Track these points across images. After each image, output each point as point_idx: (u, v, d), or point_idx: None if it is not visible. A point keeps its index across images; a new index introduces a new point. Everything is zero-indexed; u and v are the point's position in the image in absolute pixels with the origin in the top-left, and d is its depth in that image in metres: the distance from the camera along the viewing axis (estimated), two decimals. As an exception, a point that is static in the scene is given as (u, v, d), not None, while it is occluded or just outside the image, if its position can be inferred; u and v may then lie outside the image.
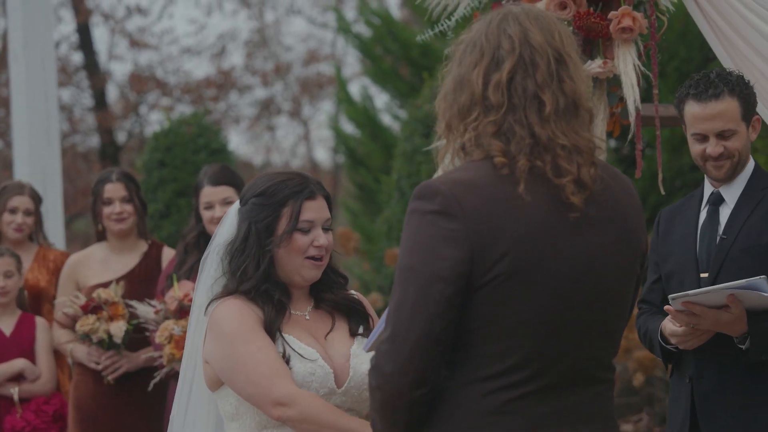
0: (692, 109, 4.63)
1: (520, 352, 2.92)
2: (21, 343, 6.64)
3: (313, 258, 3.85)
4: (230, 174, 6.28)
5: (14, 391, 6.54)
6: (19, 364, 6.58)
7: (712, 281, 4.58)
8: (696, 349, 4.60)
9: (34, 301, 6.92)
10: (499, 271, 2.88)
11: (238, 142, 28.43)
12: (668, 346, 4.66)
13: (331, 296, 3.96)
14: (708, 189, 4.76)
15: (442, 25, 5.33)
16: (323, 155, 29.81)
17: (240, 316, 3.74)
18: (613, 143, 11.03)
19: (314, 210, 3.85)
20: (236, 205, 3.95)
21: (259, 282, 3.80)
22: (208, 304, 3.84)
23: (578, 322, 2.97)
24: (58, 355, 6.73)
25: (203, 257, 3.99)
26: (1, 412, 6.56)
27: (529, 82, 2.98)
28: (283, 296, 3.83)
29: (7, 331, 6.64)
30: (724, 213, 4.69)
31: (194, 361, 3.98)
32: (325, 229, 3.88)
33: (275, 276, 3.84)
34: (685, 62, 10.91)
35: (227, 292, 3.82)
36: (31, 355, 6.65)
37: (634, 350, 9.38)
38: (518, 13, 3.04)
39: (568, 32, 3.07)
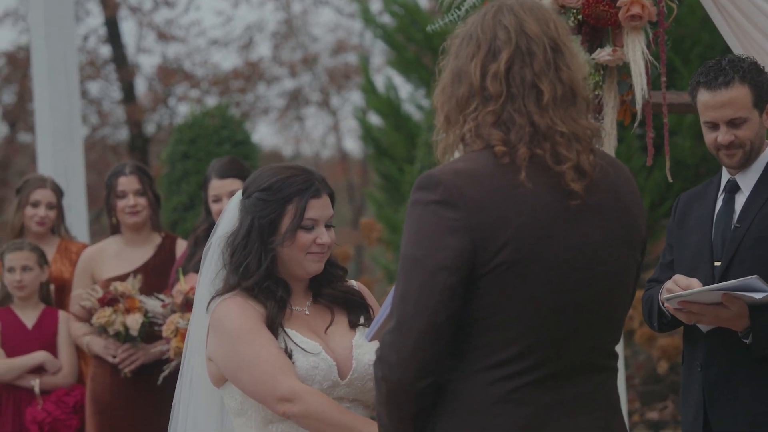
0: (703, 97, 4.60)
1: (523, 341, 2.93)
2: (43, 336, 6.69)
3: (314, 253, 3.84)
4: (238, 166, 6.27)
5: (35, 383, 6.58)
6: (39, 356, 6.63)
7: (725, 269, 4.55)
8: (706, 337, 4.58)
9: (58, 294, 6.95)
10: (501, 260, 2.90)
11: (267, 133, 28.46)
12: (663, 308, 4.61)
13: (330, 290, 3.94)
14: (725, 176, 4.73)
15: (453, 14, 5.33)
16: (353, 145, 29.86)
17: (242, 314, 3.74)
18: (639, 130, 10.99)
19: (318, 208, 3.82)
20: (238, 196, 3.92)
21: (261, 279, 3.78)
22: (210, 301, 3.84)
23: (580, 310, 2.98)
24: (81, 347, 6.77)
25: (205, 250, 3.98)
26: (23, 403, 6.62)
27: (527, 71, 3.00)
28: (284, 293, 3.82)
29: (30, 324, 6.69)
30: (740, 201, 4.65)
31: (195, 356, 3.99)
32: (328, 227, 3.86)
33: (276, 272, 3.83)
34: (709, 49, 10.86)
35: (229, 288, 3.82)
36: (53, 349, 6.69)
37: (657, 338, 9.37)
38: (512, 5, 3.06)
39: (563, 22, 3.09)
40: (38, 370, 6.64)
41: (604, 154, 3.10)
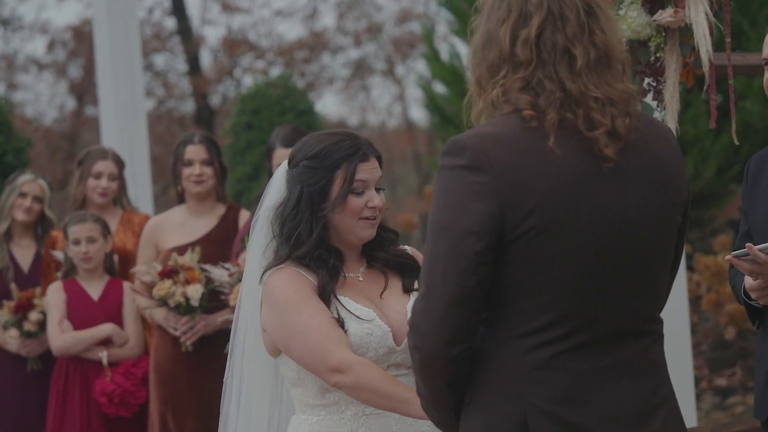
0: None
1: (557, 308, 2.88)
2: (108, 308, 6.73)
3: (367, 218, 3.80)
4: (302, 135, 6.23)
5: (103, 355, 6.63)
6: (107, 329, 6.67)
7: None
8: (775, 303, 4.46)
9: (122, 265, 6.99)
10: (530, 226, 2.84)
11: (332, 103, 28.47)
12: (752, 302, 4.51)
13: (383, 254, 3.90)
14: None
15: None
16: (419, 114, 29.76)
17: (292, 284, 3.71)
18: (705, 95, 10.84)
19: (368, 171, 3.78)
20: (284, 166, 3.89)
21: (313, 247, 3.75)
22: (263, 273, 3.81)
23: (615, 276, 2.92)
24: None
25: (252, 222, 3.95)
26: (91, 376, 6.67)
27: (559, 36, 2.93)
28: (337, 260, 3.79)
29: (95, 295, 6.74)
30: None
31: (246, 328, 3.96)
32: (377, 189, 3.83)
33: (328, 240, 3.80)
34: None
35: (281, 259, 3.78)
36: (118, 320, 6.73)
37: (725, 304, 9.27)
38: None
39: None
40: (105, 342, 6.68)
41: (642, 116, 3.03)
